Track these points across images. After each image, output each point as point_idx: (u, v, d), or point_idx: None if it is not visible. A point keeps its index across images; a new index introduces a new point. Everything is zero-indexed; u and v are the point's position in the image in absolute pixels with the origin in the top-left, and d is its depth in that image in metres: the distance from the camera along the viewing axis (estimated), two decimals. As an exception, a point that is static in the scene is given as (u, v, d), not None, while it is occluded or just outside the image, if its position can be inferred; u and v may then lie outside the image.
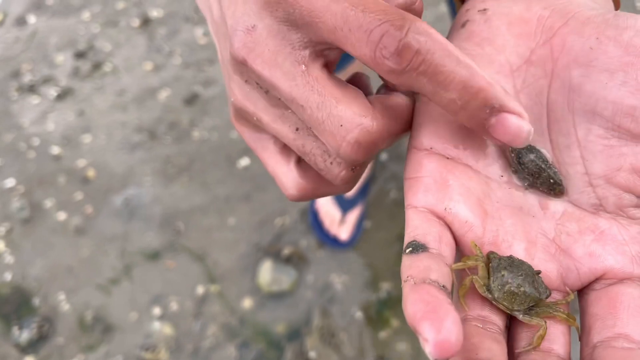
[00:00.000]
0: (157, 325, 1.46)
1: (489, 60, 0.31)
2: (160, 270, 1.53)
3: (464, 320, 0.28)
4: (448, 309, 0.23)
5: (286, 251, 1.50)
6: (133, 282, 1.53)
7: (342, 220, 1.51)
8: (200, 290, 1.49)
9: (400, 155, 1.61)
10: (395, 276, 1.46)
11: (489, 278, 0.28)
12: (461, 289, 0.29)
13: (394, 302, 1.43)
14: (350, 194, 1.51)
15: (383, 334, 1.40)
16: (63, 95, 1.88)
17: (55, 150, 1.76)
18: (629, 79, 0.27)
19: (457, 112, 0.27)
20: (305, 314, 1.45)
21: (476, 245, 0.29)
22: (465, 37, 0.33)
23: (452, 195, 0.30)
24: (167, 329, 1.45)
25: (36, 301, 1.51)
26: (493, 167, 0.31)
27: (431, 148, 0.31)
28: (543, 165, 0.29)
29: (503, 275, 0.28)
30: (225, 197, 1.62)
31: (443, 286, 0.26)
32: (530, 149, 0.30)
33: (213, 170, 1.66)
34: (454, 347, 0.22)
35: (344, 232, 1.50)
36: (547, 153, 0.30)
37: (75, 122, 1.81)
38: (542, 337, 0.27)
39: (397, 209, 1.54)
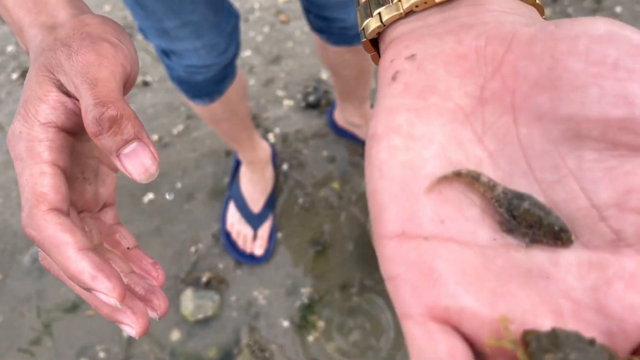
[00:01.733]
0: (86, 377, 1.44)
1: (437, 111, 0.27)
2: (81, 321, 1.51)
3: None
4: None
5: (205, 277, 1.52)
6: (55, 339, 1.50)
7: (255, 237, 1.54)
8: (125, 332, 1.48)
9: (301, 163, 1.67)
10: (314, 280, 1.51)
11: None
12: None
13: (316, 304, 1.48)
14: (257, 209, 1.55)
15: (311, 338, 1.45)
16: (-52, 162, 1.81)
17: (-50, 220, 1.69)
18: (605, 90, 0.24)
19: None
20: (233, 334, 1.47)
21: (507, 327, 0.23)
22: (401, 91, 0.28)
23: (447, 288, 0.24)
24: (97, 379, 1.43)
25: (-45, 380, 1.45)
26: (481, 231, 0.26)
27: (403, 232, 0.25)
28: (541, 213, 0.25)
29: None
30: (135, 235, 1.61)
31: None
32: (520, 195, 0.25)
33: (118, 211, 1.65)
34: None
35: (258, 248, 1.53)
36: (538, 196, 0.25)
37: (-34, 188, 1.75)
38: None
39: (306, 215, 1.59)
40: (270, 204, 1.58)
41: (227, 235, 1.56)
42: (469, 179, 0.26)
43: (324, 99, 1.75)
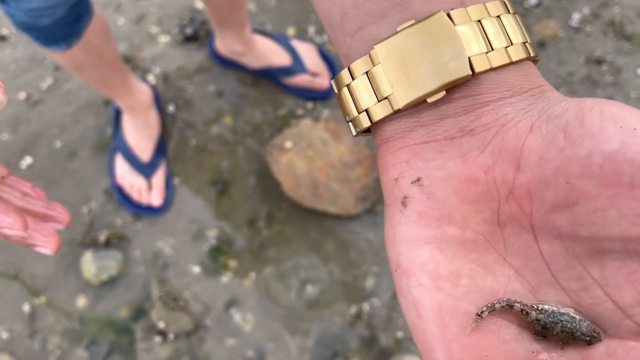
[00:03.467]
0: (-9, 361, 1.35)
1: (457, 243, 0.28)
2: (-25, 305, 1.40)
3: None
4: None
5: (103, 236, 1.44)
6: (-51, 328, 1.39)
7: (150, 187, 1.46)
8: (26, 308, 1.39)
9: (188, 101, 1.57)
10: (219, 220, 1.46)
11: None
12: None
13: (224, 245, 1.44)
14: (146, 157, 1.46)
15: (225, 279, 1.42)
16: None
17: None
18: (623, 211, 0.24)
19: None
20: (143, 289, 1.41)
21: None
22: (416, 220, 0.28)
23: None
24: (4, 361, 1.35)
25: None
26: (520, 348, 0.28)
27: None
28: (574, 328, 0.27)
29: None
30: (19, 205, 1.49)
31: None
32: (553, 317, 0.27)
33: (-5, 182, 1.51)
34: None
35: (155, 198, 1.46)
36: (569, 311, 0.27)
37: None
38: None
39: (201, 155, 1.52)
40: (160, 149, 1.49)
41: (120, 190, 1.47)
42: (504, 308, 0.27)
43: (202, 30, 1.64)
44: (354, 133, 0.31)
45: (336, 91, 0.31)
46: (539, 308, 0.27)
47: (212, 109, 1.57)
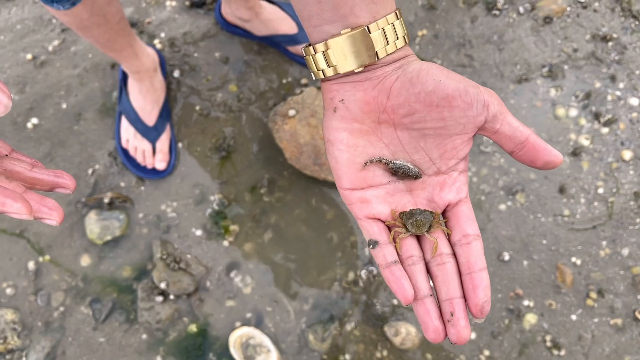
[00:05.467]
0: (-3, 315, 1.38)
1: (358, 131, 0.55)
2: (-19, 261, 1.43)
3: (403, 261, 0.55)
4: (404, 282, 0.52)
5: (107, 198, 1.46)
6: (-44, 282, 1.42)
7: (154, 151, 1.47)
8: (31, 265, 1.42)
9: (193, 67, 1.58)
10: (222, 186, 1.48)
11: (405, 226, 0.55)
12: (397, 244, 0.55)
13: (227, 209, 1.47)
14: (151, 122, 1.47)
15: (226, 243, 1.44)
16: None
17: None
18: (433, 117, 0.52)
19: None
20: (146, 251, 1.44)
21: (395, 213, 0.56)
22: (340, 119, 0.55)
23: (373, 206, 0.56)
24: (8, 315, 1.38)
25: None
26: (383, 179, 0.57)
27: (351, 188, 0.56)
28: (409, 171, 0.55)
29: (410, 221, 0.54)
30: (25, 164, 1.51)
31: (395, 261, 0.54)
32: (400, 166, 0.55)
33: (1, 141, 1.53)
34: (411, 297, 0.51)
35: (159, 162, 1.47)
36: (407, 163, 0.56)
37: None
38: (437, 247, 0.54)
39: (205, 121, 1.53)
40: (165, 114, 1.50)
41: (125, 153, 1.48)
42: (377, 162, 0.56)
43: (209, -4, 1.64)
44: (314, 78, 0.57)
45: (304, 55, 0.56)
46: (393, 162, 0.55)
47: (217, 76, 1.57)
